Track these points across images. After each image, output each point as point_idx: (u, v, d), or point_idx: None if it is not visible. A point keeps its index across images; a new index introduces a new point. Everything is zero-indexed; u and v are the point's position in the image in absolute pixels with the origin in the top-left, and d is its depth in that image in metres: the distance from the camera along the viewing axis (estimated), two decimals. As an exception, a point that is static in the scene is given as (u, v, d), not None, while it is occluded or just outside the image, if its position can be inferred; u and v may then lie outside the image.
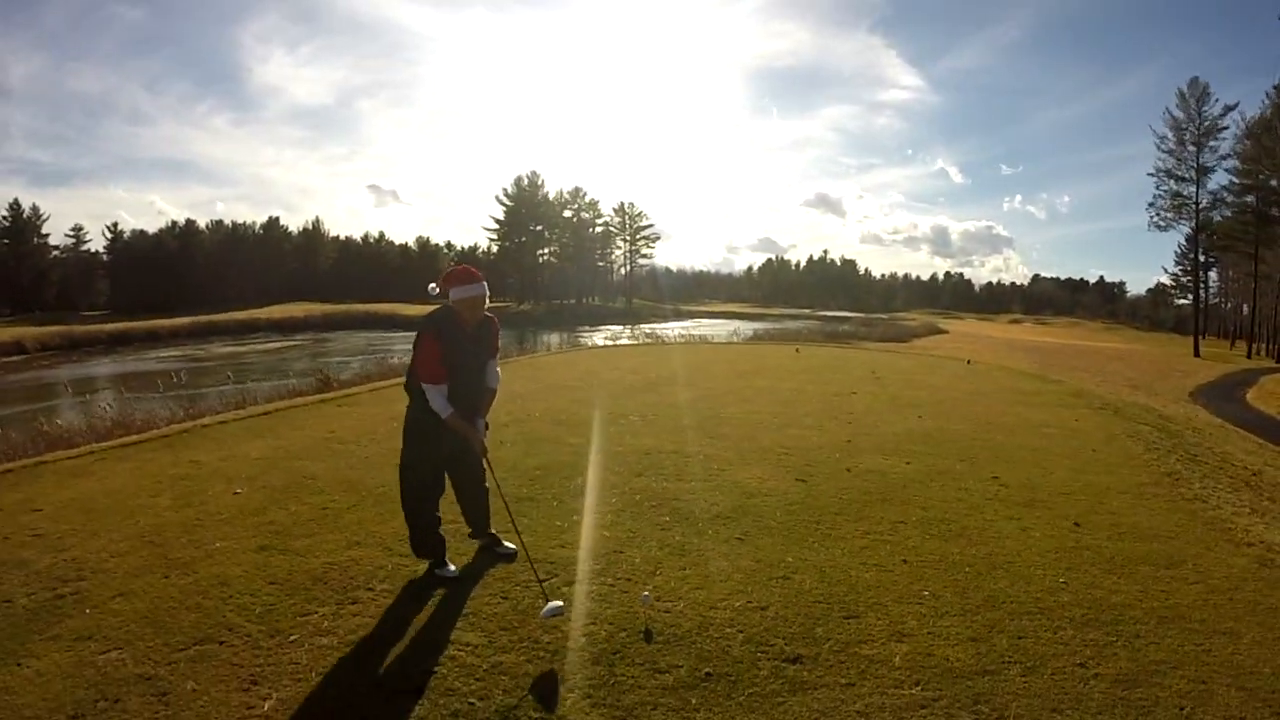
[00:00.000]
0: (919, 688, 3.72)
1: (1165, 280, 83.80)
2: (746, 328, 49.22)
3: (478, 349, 4.95)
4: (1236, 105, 54.85)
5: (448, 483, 5.16)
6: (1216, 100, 54.93)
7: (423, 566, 5.05)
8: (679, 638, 4.16)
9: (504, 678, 3.76)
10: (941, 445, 9.15)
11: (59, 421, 12.41)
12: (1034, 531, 6.06)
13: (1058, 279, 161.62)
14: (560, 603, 4.33)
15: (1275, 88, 54.25)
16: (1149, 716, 3.54)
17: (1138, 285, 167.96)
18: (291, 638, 4.18)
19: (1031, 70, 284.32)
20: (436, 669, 3.84)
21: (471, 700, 3.57)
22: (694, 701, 3.58)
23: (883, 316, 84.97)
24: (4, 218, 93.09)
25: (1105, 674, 3.89)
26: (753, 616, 4.42)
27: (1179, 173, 56.91)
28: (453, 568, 5.01)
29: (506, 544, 5.34)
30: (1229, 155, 56.25)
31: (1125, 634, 4.33)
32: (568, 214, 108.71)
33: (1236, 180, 58.17)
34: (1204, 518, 6.73)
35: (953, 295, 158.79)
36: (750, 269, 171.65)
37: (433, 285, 4.89)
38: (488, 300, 4.90)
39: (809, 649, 4.06)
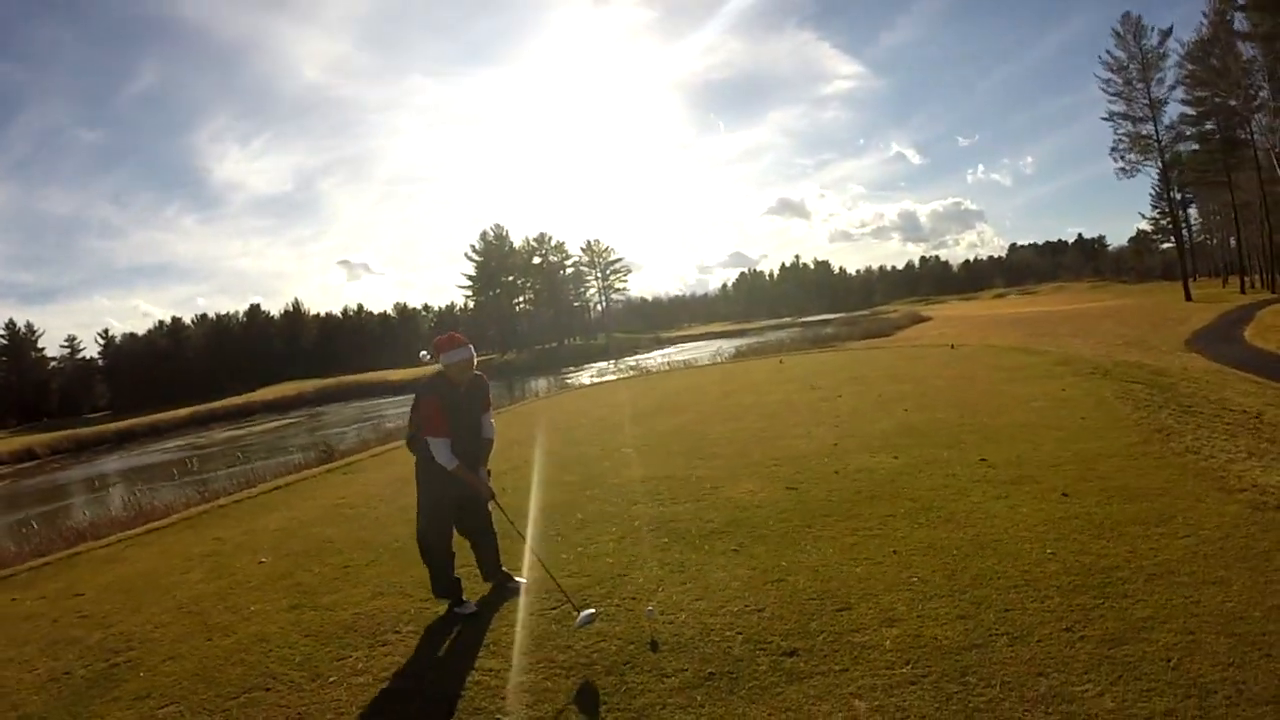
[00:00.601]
0: (909, 666, 3.96)
1: (1145, 226, 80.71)
2: (729, 345, 49.08)
3: (471, 406, 5.38)
4: (1171, 29, 53.51)
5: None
6: (1153, 30, 53.46)
7: (444, 608, 5.44)
8: (683, 645, 4.48)
9: (526, 694, 4.13)
10: (928, 436, 9.26)
11: (83, 515, 12.77)
12: (1022, 508, 6.18)
13: (1036, 245, 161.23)
14: (593, 610, 4.77)
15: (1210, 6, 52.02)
16: (1135, 671, 3.68)
17: (1118, 236, 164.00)
18: (330, 679, 4.57)
19: (966, 33, 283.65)
20: (464, 692, 4.22)
21: (498, 716, 3.95)
22: (699, 699, 3.91)
23: (864, 313, 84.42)
24: (1, 337, 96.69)
25: (1091, 635, 4.04)
26: (750, 619, 4.72)
27: (1133, 113, 55.49)
28: (472, 605, 5.40)
29: (516, 579, 5.73)
30: (1176, 84, 54.74)
31: (1113, 595, 4.46)
32: (536, 260, 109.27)
33: (1192, 110, 56.58)
34: (1195, 469, 6.81)
35: (932, 280, 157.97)
36: (725, 286, 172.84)
37: (424, 353, 5.40)
38: (474, 360, 5.37)
39: (804, 642, 4.35)
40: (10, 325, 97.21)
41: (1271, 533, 5.14)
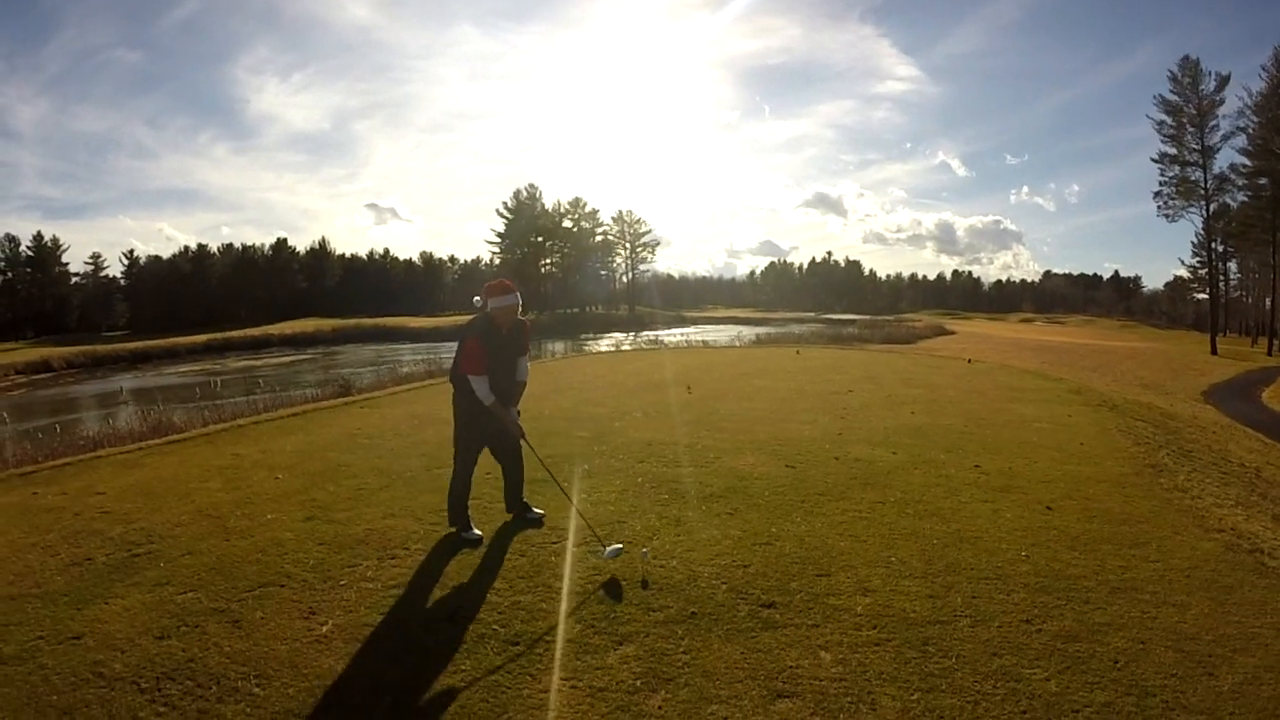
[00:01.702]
0: (876, 630, 4.28)
1: (1183, 273, 78.42)
2: (749, 332, 49.32)
3: (510, 348, 5.75)
4: (1229, 77, 51.43)
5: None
6: (1211, 75, 51.80)
7: (453, 532, 5.81)
8: (671, 586, 4.83)
9: (522, 612, 4.51)
10: (929, 438, 9.49)
11: (100, 427, 13.14)
12: (1006, 513, 6.37)
13: (1070, 275, 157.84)
14: (620, 545, 5.17)
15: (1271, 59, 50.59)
16: (1083, 665, 3.90)
17: (1154, 279, 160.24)
18: (341, 582, 4.95)
19: (1032, 51, 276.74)
20: (464, 604, 4.60)
21: (495, 626, 4.32)
22: (680, 633, 4.26)
23: (888, 318, 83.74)
24: (27, 249, 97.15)
25: (1049, 630, 4.27)
26: (736, 572, 5.06)
27: (1183, 157, 53.66)
28: (478, 532, 5.76)
29: (535, 510, 6.16)
30: (1233, 133, 52.30)
31: (1075, 599, 4.67)
32: (568, 224, 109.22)
33: (1248, 162, 54.00)
34: (1179, 506, 6.89)
35: (961, 295, 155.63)
36: (753, 273, 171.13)
37: (477, 298, 5.68)
38: (520, 307, 5.71)
39: (783, 598, 4.68)
40: (37, 238, 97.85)
41: (1239, 571, 5.26)
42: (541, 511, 6.15)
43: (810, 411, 11.45)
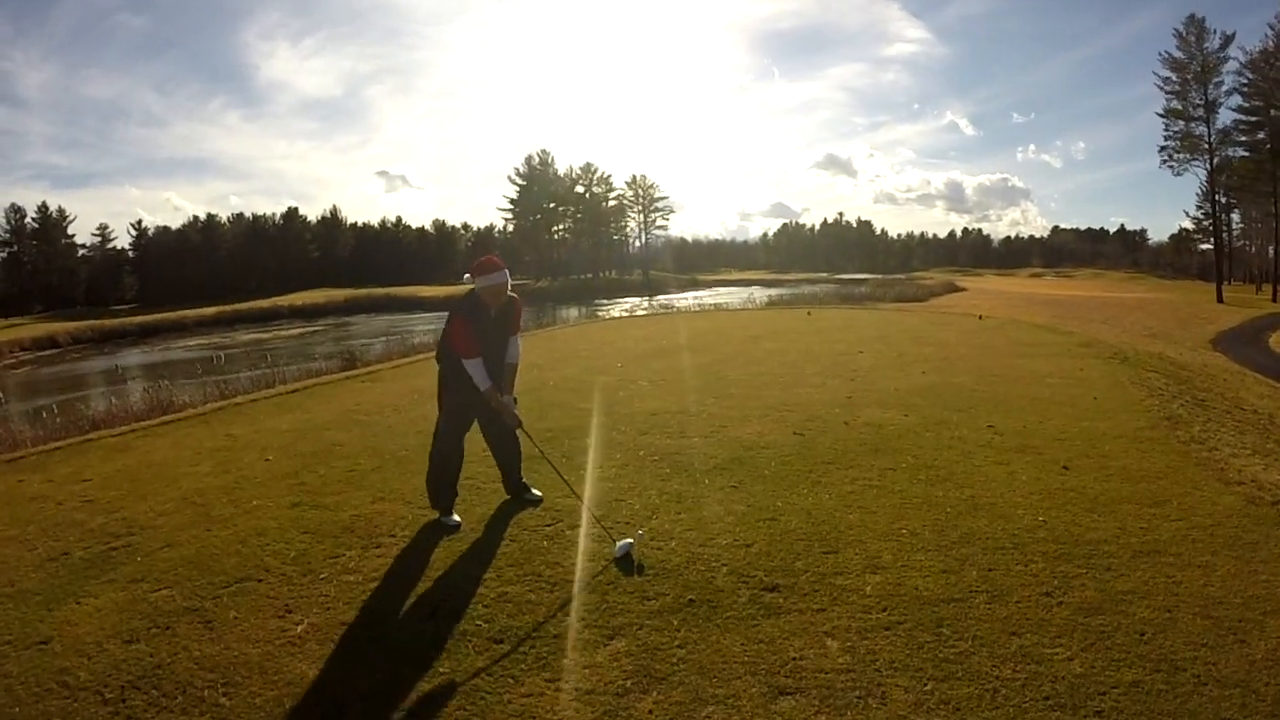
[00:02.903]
0: (886, 612, 4.02)
1: (1187, 225, 79.38)
2: (762, 294, 49.06)
3: (499, 328, 5.41)
4: (1234, 36, 52.35)
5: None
6: (1216, 33, 52.52)
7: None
8: (668, 570, 4.57)
9: (508, 605, 4.24)
10: (941, 398, 9.30)
11: (100, 405, 13.00)
12: (1021, 475, 6.19)
13: (1077, 230, 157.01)
14: (630, 540, 4.85)
15: (1277, 17, 52.17)
16: (1107, 641, 3.68)
17: (1159, 232, 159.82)
18: (322, 575, 4.71)
19: (1040, 13, 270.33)
20: (448, 598, 4.34)
21: (479, 622, 4.06)
22: (675, 623, 3.99)
23: (900, 277, 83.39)
24: (32, 220, 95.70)
25: (1070, 602, 4.05)
26: (738, 553, 4.79)
27: (1187, 112, 54.86)
28: (456, 519, 5.49)
29: (534, 491, 5.89)
30: (1233, 90, 54.09)
31: (1096, 567, 4.45)
32: (580, 190, 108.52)
33: (1244, 118, 55.70)
34: (1197, 459, 6.73)
35: (971, 252, 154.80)
36: (766, 235, 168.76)
37: (467, 275, 5.36)
38: (509, 285, 5.36)
39: (787, 579, 4.42)
40: (42, 209, 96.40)
41: (1263, 526, 5.10)
42: (540, 493, 5.88)
43: (820, 374, 11.22)
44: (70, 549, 5.37)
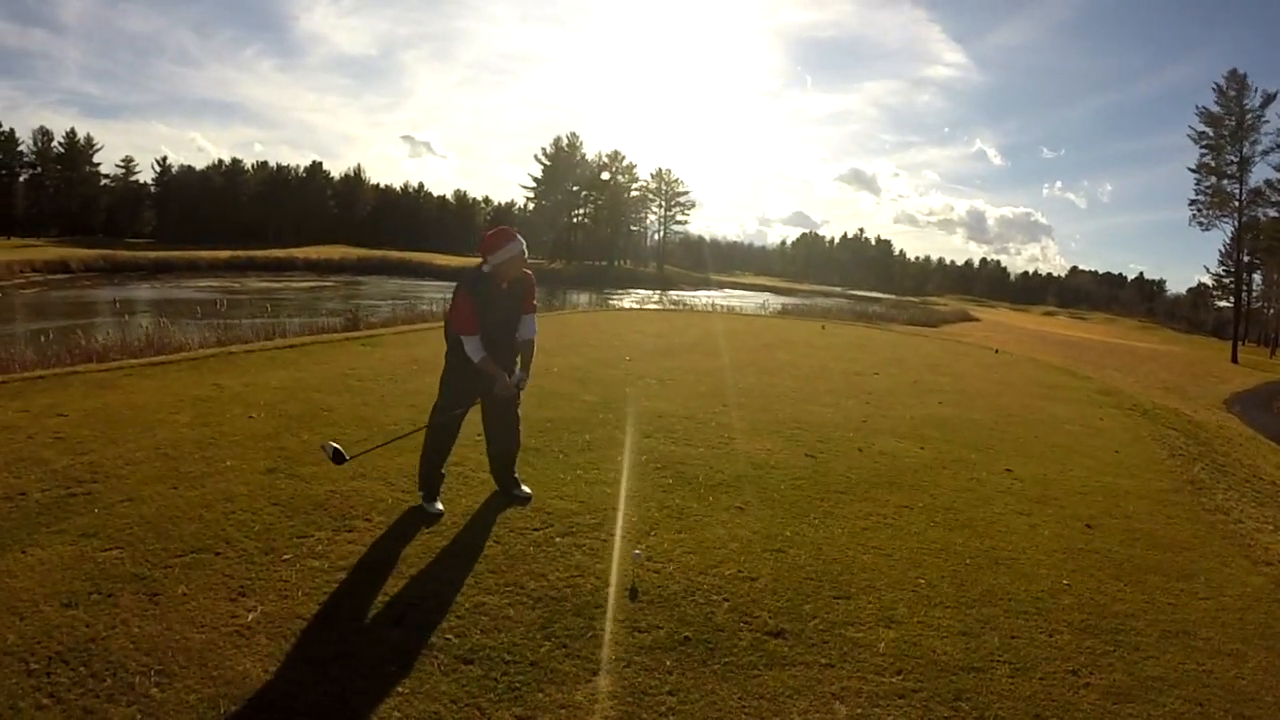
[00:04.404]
0: (900, 677, 3.64)
1: (1207, 281, 79.86)
2: (776, 301, 48.93)
3: (511, 304, 5.03)
4: (1276, 95, 51.41)
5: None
6: (1257, 91, 52.12)
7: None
8: (664, 599, 4.16)
9: (483, 618, 3.82)
10: (958, 433, 8.95)
11: (98, 337, 12.63)
12: (1043, 529, 5.87)
13: (1095, 273, 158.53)
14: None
15: None
16: None
17: (1178, 284, 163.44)
18: (285, 557, 4.31)
19: (1079, 51, 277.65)
20: (419, 602, 3.93)
21: (448, 636, 3.64)
22: (668, 664, 3.59)
23: (914, 300, 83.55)
24: (59, 144, 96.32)
25: (1097, 684, 3.74)
26: (741, 586, 4.40)
27: (1221, 169, 54.21)
28: (440, 507, 5.12)
29: (523, 488, 5.48)
30: (1271, 149, 52.71)
31: (1125, 645, 4.16)
32: (605, 176, 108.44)
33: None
34: (1224, 531, 6.45)
35: (987, 282, 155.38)
36: (784, 242, 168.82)
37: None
38: (525, 257, 4.97)
39: (793, 624, 4.03)
40: (70, 134, 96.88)
41: None
42: (529, 491, 5.47)
43: (834, 393, 10.81)
44: (29, 489, 5.04)
